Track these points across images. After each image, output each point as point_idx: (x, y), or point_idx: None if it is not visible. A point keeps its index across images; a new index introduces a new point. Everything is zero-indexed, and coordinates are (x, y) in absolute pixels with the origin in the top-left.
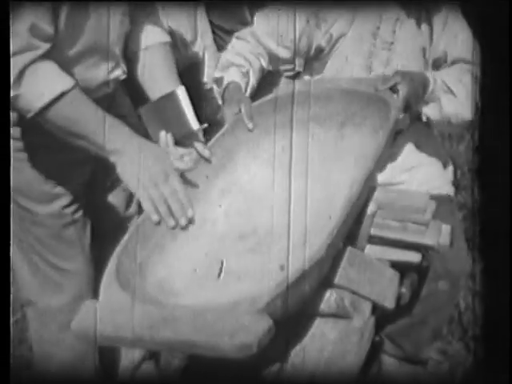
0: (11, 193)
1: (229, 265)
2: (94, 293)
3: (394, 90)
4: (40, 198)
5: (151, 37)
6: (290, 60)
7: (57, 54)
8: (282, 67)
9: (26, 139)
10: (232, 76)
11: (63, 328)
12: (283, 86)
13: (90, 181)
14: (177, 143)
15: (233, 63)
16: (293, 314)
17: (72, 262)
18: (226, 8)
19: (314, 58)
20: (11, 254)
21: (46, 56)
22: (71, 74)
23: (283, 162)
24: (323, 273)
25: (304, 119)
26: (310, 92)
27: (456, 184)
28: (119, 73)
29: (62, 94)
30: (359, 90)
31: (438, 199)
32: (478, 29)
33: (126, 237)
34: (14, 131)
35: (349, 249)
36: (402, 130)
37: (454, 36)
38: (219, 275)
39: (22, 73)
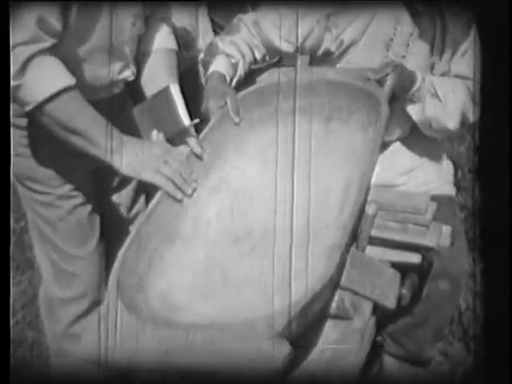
0: (17, 182)
1: (227, 272)
2: (104, 282)
3: (381, 83)
4: (50, 182)
5: (160, 41)
6: (292, 55)
7: (66, 50)
8: (284, 68)
9: (30, 130)
10: (219, 65)
11: (74, 321)
12: (266, 77)
13: (96, 180)
14: (170, 142)
15: (224, 51)
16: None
17: (83, 248)
18: (228, 7)
19: (321, 59)
20: (33, 244)
21: (51, 51)
22: (81, 71)
23: (271, 157)
24: (334, 287)
25: (290, 111)
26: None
27: (457, 185)
28: (128, 74)
29: (63, 91)
30: (345, 82)
31: (439, 200)
32: (478, 29)
33: (122, 251)
34: (22, 121)
35: (350, 249)
36: (405, 136)
37: (462, 54)
38: None
39: (25, 64)
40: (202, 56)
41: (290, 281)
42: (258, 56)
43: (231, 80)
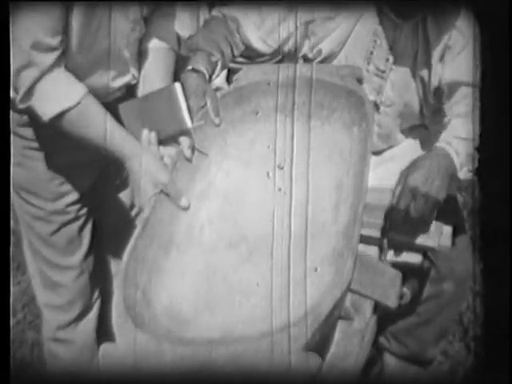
0: (13, 191)
1: (228, 279)
2: (92, 290)
3: (360, 81)
4: (46, 196)
5: (159, 39)
6: (269, 55)
7: (72, 62)
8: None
9: (37, 140)
10: (199, 62)
11: (63, 326)
12: (242, 75)
13: (99, 179)
14: (160, 143)
15: (205, 49)
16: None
17: (71, 258)
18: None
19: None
20: (24, 254)
21: (55, 64)
22: (90, 80)
23: (253, 157)
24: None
25: (272, 110)
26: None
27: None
28: (129, 78)
29: (75, 104)
30: (322, 79)
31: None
32: (478, 28)
33: (122, 265)
34: (24, 131)
35: None
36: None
37: (458, 65)
38: None
39: (31, 88)
40: (180, 50)
41: (289, 289)
42: (236, 53)
43: (210, 77)
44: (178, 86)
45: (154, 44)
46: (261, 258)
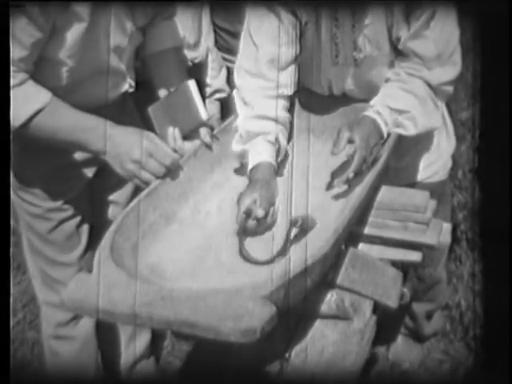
0: (12, 190)
1: (222, 258)
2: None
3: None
4: (40, 195)
5: (167, 40)
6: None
7: (76, 73)
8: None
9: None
10: (260, 152)
11: (64, 323)
12: None
13: (94, 179)
14: (185, 138)
15: (255, 133)
16: (294, 308)
17: (70, 255)
18: (230, 9)
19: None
20: (24, 253)
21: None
22: (82, 91)
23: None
24: (325, 269)
25: (304, 129)
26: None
27: (458, 184)
28: (126, 87)
29: (39, 110)
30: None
31: (433, 186)
32: (478, 29)
33: (120, 216)
34: (24, 133)
35: (351, 250)
36: None
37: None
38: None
39: None
40: (234, 147)
41: (289, 273)
42: (287, 103)
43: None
44: (191, 83)
45: (162, 46)
46: (260, 246)
